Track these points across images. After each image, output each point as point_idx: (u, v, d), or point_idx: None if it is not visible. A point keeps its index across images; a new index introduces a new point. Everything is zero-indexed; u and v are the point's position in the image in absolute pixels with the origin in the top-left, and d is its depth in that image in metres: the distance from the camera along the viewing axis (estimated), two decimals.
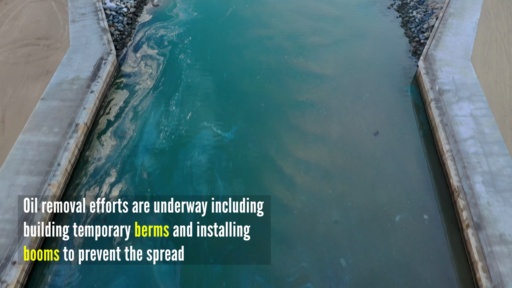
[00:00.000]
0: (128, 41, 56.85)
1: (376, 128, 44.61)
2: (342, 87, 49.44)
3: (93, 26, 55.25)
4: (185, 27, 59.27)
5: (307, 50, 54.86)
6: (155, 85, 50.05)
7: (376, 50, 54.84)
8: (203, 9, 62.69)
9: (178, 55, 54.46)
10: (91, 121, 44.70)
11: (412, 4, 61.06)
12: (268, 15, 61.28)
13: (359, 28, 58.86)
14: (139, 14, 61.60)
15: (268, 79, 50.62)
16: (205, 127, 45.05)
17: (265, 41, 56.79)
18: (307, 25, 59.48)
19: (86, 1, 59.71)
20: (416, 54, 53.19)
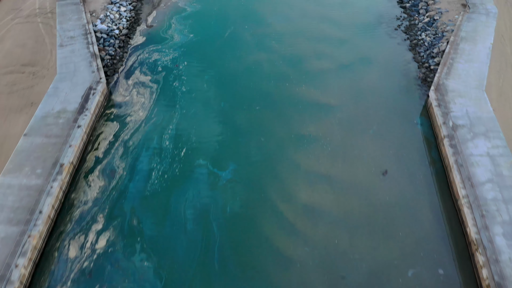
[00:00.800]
0: (120, 66, 54.52)
1: (384, 166, 42.18)
2: (347, 119, 47.06)
3: (82, 51, 52.94)
4: (180, 51, 56.98)
5: (310, 77, 52.55)
6: (147, 117, 47.68)
7: (383, 77, 52.52)
8: (200, 31, 60.42)
9: (173, 82, 52.14)
10: (78, 159, 42.26)
11: (420, 25, 58.80)
12: (268, 38, 59.02)
13: (365, 52, 56.56)
14: (132, 36, 59.32)
15: (268, 110, 48.28)
16: (201, 165, 42.64)
17: (265, 66, 54.49)
18: (310, 48, 57.20)
19: (75, 23, 57.43)
20: (426, 82, 50.85)
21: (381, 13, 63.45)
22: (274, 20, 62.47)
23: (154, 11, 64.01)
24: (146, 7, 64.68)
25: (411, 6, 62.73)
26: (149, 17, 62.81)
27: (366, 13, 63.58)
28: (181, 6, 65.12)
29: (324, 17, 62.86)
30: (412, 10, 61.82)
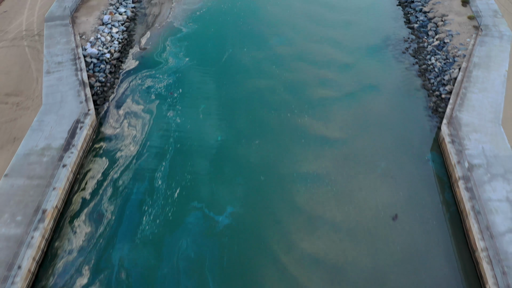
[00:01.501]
0: (111, 94, 52.16)
1: (394, 210, 39.74)
2: (353, 155, 44.63)
3: (70, 79, 50.61)
4: (175, 76, 54.65)
5: (313, 106, 50.21)
6: (139, 152, 45.24)
7: (391, 106, 50.17)
8: (196, 54, 58.11)
9: (167, 113, 49.79)
10: (63, 201, 39.84)
11: (430, 49, 56.47)
12: (268, 62, 56.71)
13: (371, 78, 54.24)
14: (124, 60, 56.97)
15: (268, 144, 45.85)
16: (196, 209, 40.20)
17: (265, 94, 52.15)
18: (313, 74, 54.87)
19: (64, 46, 55.10)
20: (437, 112, 48.46)
21: (388, 34, 61.19)
22: (275, 41, 60.17)
23: (148, 32, 61.75)
24: (140, 28, 62.41)
25: (419, 27, 60.44)
26: (142, 38, 60.52)
27: (372, 34, 61.29)
28: (176, 26, 62.86)
29: (327, 38, 60.59)
30: (421, 31, 59.52)
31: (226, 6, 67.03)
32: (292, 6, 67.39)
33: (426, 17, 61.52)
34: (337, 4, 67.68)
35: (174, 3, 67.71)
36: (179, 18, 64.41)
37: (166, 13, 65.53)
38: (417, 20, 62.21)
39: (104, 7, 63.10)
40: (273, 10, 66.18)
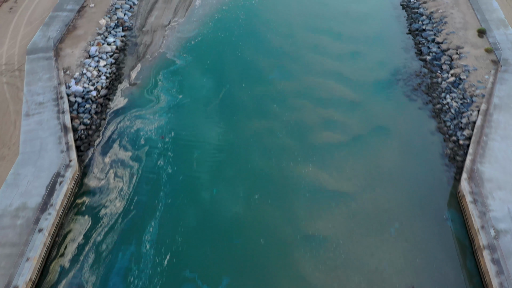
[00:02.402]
0: (96, 138, 48.79)
1: (410, 281, 36.17)
2: (363, 212, 41.25)
3: (52, 123, 47.28)
4: (166, 117, 51.30)
5: (318, 153, 46.87)
6: (125, 209, 41.82)
7: (403, 153, 46.83)
8: (190, 90, 54.84)
9: (157, 161, 46.37)
10: (38, 272, 36.29)
11: (444, 85, 53.19)
12: (269, 99, 53.46)
13: (381, 119, 50.95)
14: (112, 97, 53.64)
15: (269, 200, 42.42)
16: (188, 280, 36.82)
17: (265, 138, 48.79)
18: (317, 114, 51.61)
19: (46, 84, 51.83)
20: (454, 161, 45.06)
21: (398, 67, 57.95)
22: (275, 76, 56.91)
23: (139, 64, 58.50)
24: (130, 59, 59.14)
25: (432, 59, 57.22)
26: (132, 72, 57.26)
27: (381, 67, 58.09)
28: (169, 58, 59.63)
29: (332, 72, 57.38)
30: (434, 64, 56.25)
31: (223, 34, 63.89)
32: (294, 34, 64.22)
33: (439, 49, 58.29)
34: (343, 32, 64.52)
35: (167, 31, 64.55)
36: (172, 48, 61.18)
37: (158, 42, 62.33)
38: (429, 51, 59.00)
39: (92, 37, 59.88)
40: (274, 39, 63.04)
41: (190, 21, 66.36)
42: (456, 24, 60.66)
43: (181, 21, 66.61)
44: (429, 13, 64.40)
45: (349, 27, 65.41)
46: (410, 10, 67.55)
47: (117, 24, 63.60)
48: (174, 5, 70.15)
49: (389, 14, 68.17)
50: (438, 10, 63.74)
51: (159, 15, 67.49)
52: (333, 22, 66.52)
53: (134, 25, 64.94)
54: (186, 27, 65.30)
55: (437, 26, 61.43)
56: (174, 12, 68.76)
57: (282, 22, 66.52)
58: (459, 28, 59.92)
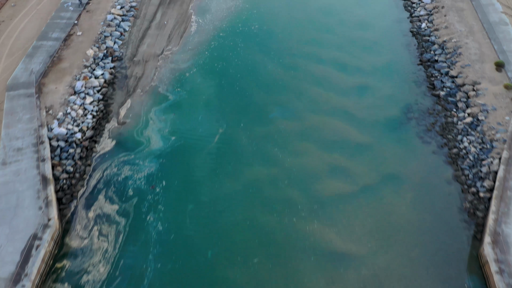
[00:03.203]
0: (80, 188, 45.41)
1: None
2: (375, 280, 37.91)
3: (30, 173, 43.86)
4: (157, 163, 47.90)
5: (323, 207, 43.57)
6: (110, 275, 38.52)
7: (418, 207, 43.54)
8: (184, 131, 51.47)
9: (146, 215, 43.00)
10: None
11: (460, 126, 49.90)
12: (270, 142, 50.14)
13: (392, 165, 47.62)
14: (98, 139, 50.26)
15: (269, 264, 39.09)
16: None
17: (265, 188, 45.39)
18: (322, 160, 48.22)
19: (26, 126, 48.50)
20: (474, 217, 41.72)
21: (409, 104, 54.69)
22: (277, 114, 53.70)
23: (129, 100, 55.19)
24: (119, 94, 55.81)
25: (446, 95, 53.96)
26: (121, 109, 53.93)
27: (391, 104, 54.78)
28: (162, 93, 56.31)
29: (338, 110, 54.13)
30: (448, 101, 52.97)
31: (220, 65, 60.62)
32: (297, 64, 61.02)
33: (454, 84, 55.04)
34: (350, 63, 61.30)
35: (160, 61, 61.27)
36: (165, 82, 57.88)
37: (150, 74, 59.05)
38: (443, 86, 55.74)
39: (78, 70, 56.58)
40: (275, 71, 59.80)
41: (185, 50, 63.10)
42: (472, 55, 57.41)
43: (175, 49, 63.35)
44: (442, 42, 61.16)
45: (356, 57, 62.16)
46: (420, 38, 64.37)
47: (106, 54, 60.32)
48: (167, 31, 66.94)
49: (398, 41, 64.97)
50: (451, 39, 60.52)
51: (151, 43, 64.26)
52: (339, 51, 63.30)
53: (125, 55, 61.66)
54: (181, 56, 62.03)
55: (450, 58, 58.17)
56: (168, 39, 65.54)
57: (283, 50, 63.28)
58: (475, 60, 56.67)
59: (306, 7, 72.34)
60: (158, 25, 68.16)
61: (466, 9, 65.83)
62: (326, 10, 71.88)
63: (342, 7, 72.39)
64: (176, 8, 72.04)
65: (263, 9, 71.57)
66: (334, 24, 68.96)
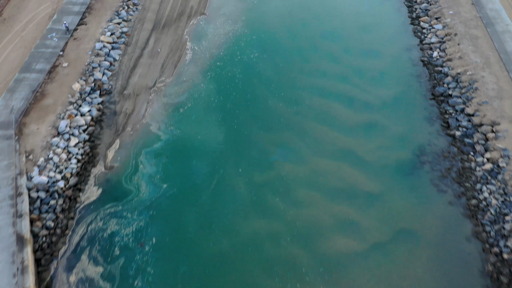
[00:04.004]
0: (61, 245, 42.11)
1: None
2: None
3: (5, 232, 40.62)
4: (147, 216, 44.50)
5: (331, 269, 40.45)
6: None
7: (434, 270, 40.35)
8: (177, 177, 48.05)
9: (134, 279, 39.81)
10: None
11: (479, 173, 46.45)
12: (270, 190, 46.76)
13: (404, 218, 44.38)
14: (83, 187, 46.82)
15: None
16: None
17: (266, 246, 42.03)
18: (328, 211, 44.95)
19: (3, 174, 45.57)
20: (498, 282, 38.66)
21: (422, 145, 51.34)
22: (278, 157, 50.28)
23: (117, 140, 51.78)
24: (107, 134, 52.41)
25: (462, 136, 50.60)
26: (109, 150, 50.53)
27: (402, 145, 51.49)
28: (153, 132, 52.92)
29: (345, 152, 50.81)
30: (465, 143, 49.57)
31: (217, 99, 57.28)
32: (299, 98, 57.79)
33: (470, 123, 51.66)
34: (357, 97, 57.98)
35: (152, 95, 57.90)
36: (157, 118, 54.49)
37: (141, 110, 55.67)
38: (458, 125, 52.35)
39: (62, 107, 53.20)
40: (276, 106, 56.61)
41: (179, 82, 59.76)
42: (489, 91, 54.08)
43: (168, 81, 60.00)
44: (456, 74, 57.81)
45: (363, 90, 58.85)
46: (432, 68, 61.04)
47: (93, 88, 56.97)
48: (161, 60, 63.62)
49: (408, 72, 61.65)
50: (466, 71, 57.18)
51: (143, 74, 60.90)
52: (345, 82, 59.98)
53: (114, 87, 58.29)
54: (174, 89, 58.69)
55: (466, 93, 54.82)
56: (161, 69, 62.20)
57: (285, 82, 59.97)
58: (493, 96, 53.33)
59: (309, 33, 69.00)
60: (150, 53, 64.82)
61: (481, 36, 62.53)
62: (330, 36, 68.56)
63: (347, 32, 69.04)
64: (170, 33, 68.73)
65: (263, 34, 68.24)
66: (339, 51, 65.62)
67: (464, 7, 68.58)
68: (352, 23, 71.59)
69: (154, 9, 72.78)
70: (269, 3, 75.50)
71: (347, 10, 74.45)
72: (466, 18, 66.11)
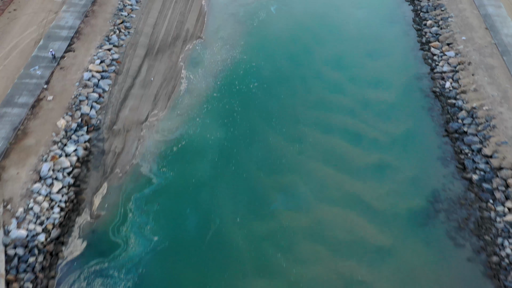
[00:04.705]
0: None
1: None
2: None
3: None
4: (136, 273, 41.38)
5: None
6: None
7: None
8: (169, 228, 44.80)
9: None
10: None
11: (500, 225, 43.25)
12: (270, 244, 44.09)
13: (420, 279, 41.25)
14: (66, 240, 43.56)
15: None
16: None
17: None
18: (334, 270, 41.93)
19: None
20: None
21: (436, 189, 48.17)
22: (279, 204, 47.52)
23: (105, 184, 48.41)
24: (94, 177, 49.06)
25: (480, 180, 47.24)
26: (96, 196, 47.26)
27: (414, 190, 48.37)
28: (144, 174, 49.60)
29: (352, 198, 47.66)
30: (483, 189, 46.29)
31: (214, 136, 54.02)
32: (302, 135, 54.71)
33: (488, 165, 48.39)
34: (365, 134, 54.89)
35: (143, 130, 54.62)
36: (149, 158, 51.15)
37: (132, 148, 52.37)
38: (475, 167, 49.06)
39: (45, 147, 49.88)
40: (278, 145, 53.54)
41: (173, 116, 56.46)
42: (508, 130, 50.85)
43: (161, 115, 56.70)
44: (471, 108, 54.55)
45: (371, 125, 55.63)
46: (445, 101, 57.76)
47: (80, 124, 53.65)
48: (154, 90, 60.36)
49: (419, 104, 58.45)
50: (482, 106, 53.90)
51: (134, 106, 57.59)
52: (351, 117, 56.77)
53: (103, 122, 54.95)
54: (168, 124, 55.37)
55: (482, 131, 51.52)
56: (154, 101, 58.91)
57: (287, 116, 56.76)
58: None
59: (312, 59, 65.83)
60: (143, 83, 61.52)
61: (497, 66, 59.28)
62: (335, 63, 65.37)
63: (352, 59, 65.83)
64: (164, 60, 65.49)
65: (263, 61, 65.04)
66: (345, 81, 62.39)
67: (478, 32, 65.37)
68: (357, 48, 68.40)
69: (148, 33, 69.52)
70: (269, 26, 72.35)
71: (352, 33, 71.25)
72: (480, 45, 62.89)
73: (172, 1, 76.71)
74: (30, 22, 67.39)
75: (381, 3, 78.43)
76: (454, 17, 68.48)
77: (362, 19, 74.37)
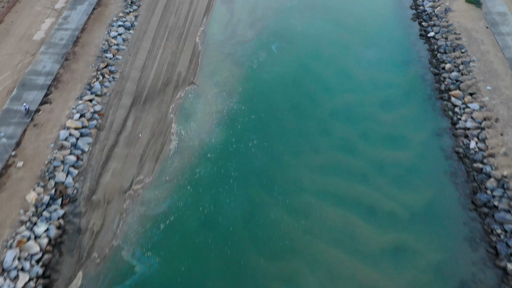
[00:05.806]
0: None
1: None
2: None
3: None
4: None
5: None
6: None
7: None
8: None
9: None
10: None
11: None
12: None
13: None
14: None
15: None
16: None
17: None
18: None
19: None
20: None
21: (465, 281, 43.24)
22: None
23: (80, 273, 42.85)
24: (67, 263, 43.47)
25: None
26: None
27: (439, 281, 42.86)
28: (126, 260, 44.09)
29: None
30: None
31: (207, 210, 48.74)
32: (309, 209, 49.54)
33: None
34: (378, 205, 49.69)
35: (127, 202, 49.08)
36: (131, 239, 45.53)
37: (112, 225, 46.70)
38: (510, 254, 43.52)
39: (11, 230, 44.32)
40: (280, 222, 48.29)
41: (161, 182, 50.81)
42: None
43: (148, 181, 51.01)
44: (501, 176, 48.83)
45: (386, 194, 50.22)
46: (470, 164, 52.04)
47: (53, 197, 47.98)
48: (140, 150, 54.68)
49: (440, 168, 52.79)
50: None
51: (117, 170, 51.85)
52: (364, 184, 51.33)
53: (80, 192, 49.26)
54: (155, 193, 49.69)
55: None
56: (140, 163, 53.26)
57: (290, 183, 51.46)
58: None
59: (318, 110, 60.23)
60: (128, 139, 55.86)
61: None
62: (343, 115, 59.78)
63: (363, 110, 60.19)
64: (152, 110, 59.88)
65: (263, 113, 59.45)
66: (355, 137, 56.74)
67: (505, 81, 59.73)
68: (368, 96, 62.79)
69: (135, 78, 63.96)
70: (270, 69, 66.85)
71: (361, 78, 65.66)
72: (508, 97, 57.26)
73: (163, 39, 71.23)
74: (4, 66, 61.93)
75: (392, 40, 72.91)
76: (476, 61, 62.87)
77: (372, 60, 68.81)
